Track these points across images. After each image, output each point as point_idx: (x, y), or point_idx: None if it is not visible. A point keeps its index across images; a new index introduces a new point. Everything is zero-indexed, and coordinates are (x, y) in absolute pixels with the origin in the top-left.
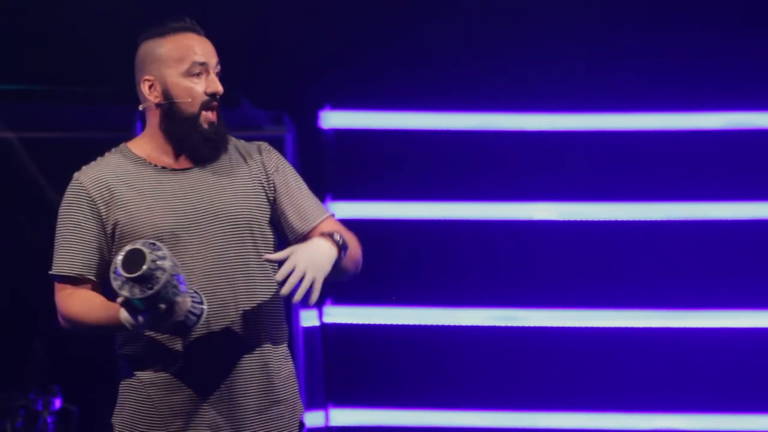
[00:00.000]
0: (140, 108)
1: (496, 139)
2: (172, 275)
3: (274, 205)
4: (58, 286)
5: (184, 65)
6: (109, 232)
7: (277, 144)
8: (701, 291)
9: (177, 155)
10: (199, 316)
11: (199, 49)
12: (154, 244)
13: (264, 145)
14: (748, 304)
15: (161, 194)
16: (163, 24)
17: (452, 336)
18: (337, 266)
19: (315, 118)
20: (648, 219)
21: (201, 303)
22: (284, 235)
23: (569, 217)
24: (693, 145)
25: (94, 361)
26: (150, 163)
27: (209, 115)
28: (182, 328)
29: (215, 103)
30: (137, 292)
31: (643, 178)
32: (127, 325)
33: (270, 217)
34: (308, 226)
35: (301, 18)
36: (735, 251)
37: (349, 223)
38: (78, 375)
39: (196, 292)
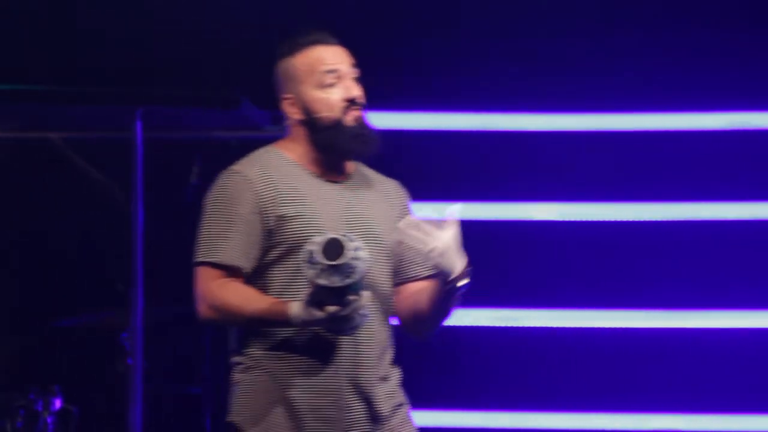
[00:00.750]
0: (287, 123)
1: (494, 139)
2: (368, 267)
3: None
4: (207, 273)
5: (315, 78)
6: (268, 228)
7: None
8: (701, 291)
9: (327, 167)
10: (365, 316)
11: (328, 58)
12: (347, 234)
13: (397, 183)
14: (748, 304)
15: (321, 199)
16: (293, 40)
17: (451, 336)
18: (447, 299)
19: None
20: (649, 219)
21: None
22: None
23: (569, 217)
24: (693, 146)
25: (94, 362)
26: (305, 169)
27: (353, 113)
28: (348, 325)
29: (355, 107)
30: (336, 281)
31: (644, 178)
32: (296, 319)
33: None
34: (426, 272)
35: (301, 18)
36: (735, 252)
37: None
38: (78, 375)
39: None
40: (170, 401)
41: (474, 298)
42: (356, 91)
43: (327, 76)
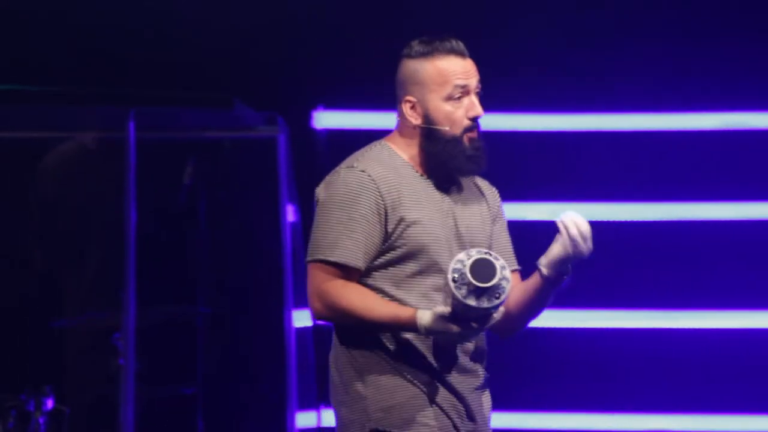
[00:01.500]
0: (397, 118)
1: (489, 139)
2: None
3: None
4: (325, 271)
5: (445, 90)
6: (388, 230)
7: (270, 145)
8: (697, 291)
9: (436, 174)
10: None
11: (462, 72)
12: (489, 252)
13: (494, 189)
14: (744, 304)
15: (434, 207)
16: (428, 43)
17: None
18: (550, 294)
19: (308, 118)
20: (644, 219)
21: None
22: None
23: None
24: (688, 146)
25: (86, 362)
26: (416, 170)
27: (471, 135)
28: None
29: (474, 126)
30: (485, 302)
31: (640, 178)
32: (425, 328)
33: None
34: (512, 269)
35: (293, 18)
36: (731, 252)
37: None
38: (70, 376)
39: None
40: (162, 402)
41: None
42: (479, 110)
43: (457, 89)
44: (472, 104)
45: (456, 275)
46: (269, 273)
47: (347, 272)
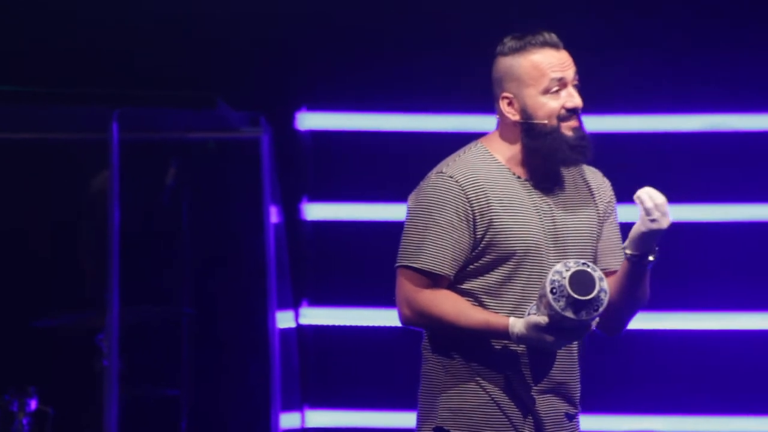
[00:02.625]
0: (497, 118)
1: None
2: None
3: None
4: (414, 279)
5: (542, 84)
6: (477, 237)
7: (254, 145)
8: (691, 292)
9: (535, 172)
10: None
11: (557, 64)
12: (587, 263)
13: (604, 176)
14: (733, 306)
15: (529, 209)
16: (520, 38)
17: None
18: (642, 278)
19: (291, 119)
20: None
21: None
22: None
23: None
24: (673, 148)
25: (70, 363)
26: (512, 172)
27: (571, 123)
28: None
29: (574, 116)
30: (584, 315)
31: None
32: (516, 336)
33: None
34: (614, 265)
35: (277, 19)
36: (724, 253)
37: (324, 225)
38: (54, 376)
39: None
40: (146, 403)
41: None
42: (578, 100)
43: (554, 82)
44: (570, 95)
45: (554, 286)
46: (253, 274)
47: (434, 279)
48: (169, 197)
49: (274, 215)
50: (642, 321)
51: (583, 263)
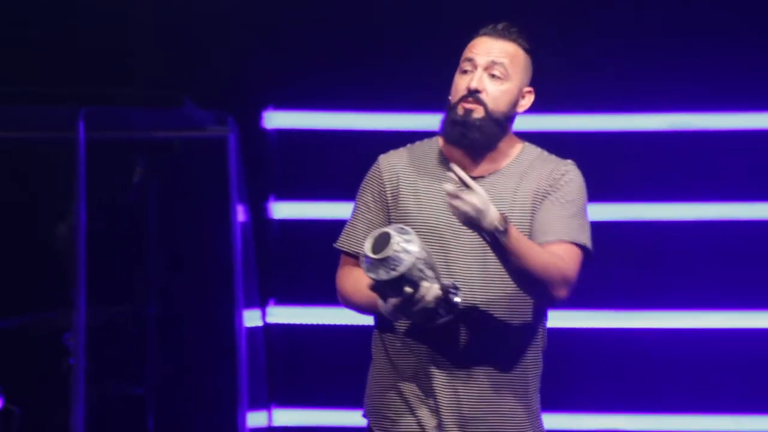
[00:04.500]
0: None
1: None
2: (419, 259)
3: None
4: (341, 260)
5: (460, 63)
6: (388, 219)
7: (221, 144)
8: (684, 291)
9: (466, 158)
10: (452, 308)
11: (478, 47)
12: (403, 228)
13: (568, 166)
14: (727, 304)
15: (439, 196)
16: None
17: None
18: (502, 250)
19: (258, 118)
20: (619, 219)
21: (456, 296)
22: None
23: None
24: (637, 146)
25: (36, 361)
26: (447, 161)
27: (466, 104)
28: (433, 317)
29: (471, 99)
30: (383, 274)
31: (612, 178)
32: (381, 309)
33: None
34: (548, 237)
35: (244, 18)
36: (705, 253)
37: (291, 224)
38: (20, 375)
39: (454, 286)
40: (113, 401)
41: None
42: (474, 83)
43: (466, 62)
44: (473, 77)
45: (363, 251)
46: (220, 273)
47: (357, 259)
48: (135, 196)
49: (240, 214)
50: (620, 320)
51: (399, 227)
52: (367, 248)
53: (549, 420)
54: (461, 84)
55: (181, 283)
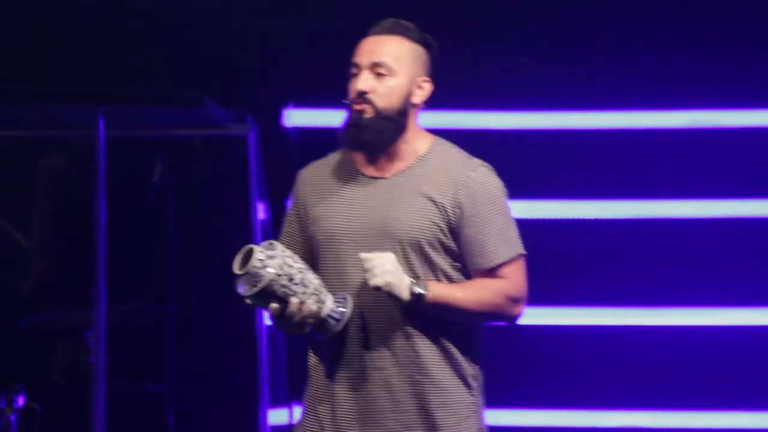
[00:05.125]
0: None
1: (458, 137)
2: (281, 275)
3: (456, 233)
4: None
5: (351, 68)
6: (304, 227)
7: (241, 143)
8: (671, 289)
9: (368, 161)
10: (338, 320)
11: (361, 49)
12: (272, 244)
13: (477, 168)
14: (721, 302)
15: (343, 200)
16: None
17: None
18: (436, 311)
19: (278, 116)
20: (615, 217)
21: (344, 307)
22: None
23: (536, 215)
24: (658, 144)
25: (57, 359)
26: (356, 169)
27: (356, 106)
28: (325, 329)
29: (359, 100)
30: (246, 290)
31: (612, 176)
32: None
33: (442, 243)
34: (489, 263)
35: (263, 16)
36: (708, 249)
37: None
38: (41, 373)
39: (343, 297)
40: (133, 399)
41: None
42: (359, 85)
43: (353, 67)
44: (359, 80)
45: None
46: None
47: None
48: (155, 195)
49: (260, 212)
50: (626, 317)
51: (268, 243)
52: (234, 265)
53: (548, 418)
54: (351, 88)
55: (200, 281)
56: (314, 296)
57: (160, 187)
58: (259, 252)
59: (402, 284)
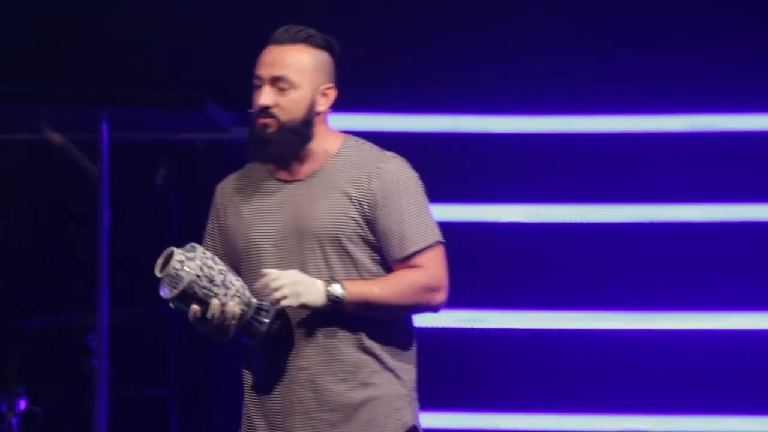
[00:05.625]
0: None
1: (462, 141)
2: (200, 276)
3: (372, 225)
4: None
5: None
6: (225, 239)
7: (243, 146)
8: (671, 293)
9: (281, 167)
10: (262, 323)
11: (262, 62)
12: (193, 247)
13: (388, 160)
14: (720, 306)
15: (261, 206)
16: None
17: (419, 338)
18: (358, 311)
19: None
20: (617, 221)
21: (268, 310)
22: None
23: (536, 219)
24: (660, 148)
25: (59, 363)
26: (271, 175)
27: (260, 120)
28: (251, 333)
29: (263, 115)
30: (167, 293)
31: (612, 180)
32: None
33: (361, 236)
34: (405, 251)
35: (266, 19)
36: (702, 254)
37: None
38: (43, 376)
39: (268, 302)
40: (136, 403)
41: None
42: (262, 100)
43: (257, 79)
44: (260, 94)
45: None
46: None
47: None
48: (158, 197)
49: None
50: (633, 322)
51: (189, 246)
52: (156, 268)
53: (514, 420)
54: (254, 101)
55: None
56: (237, 298)
57: (164, 190)
58: (179, 254)
59: (317, 292)
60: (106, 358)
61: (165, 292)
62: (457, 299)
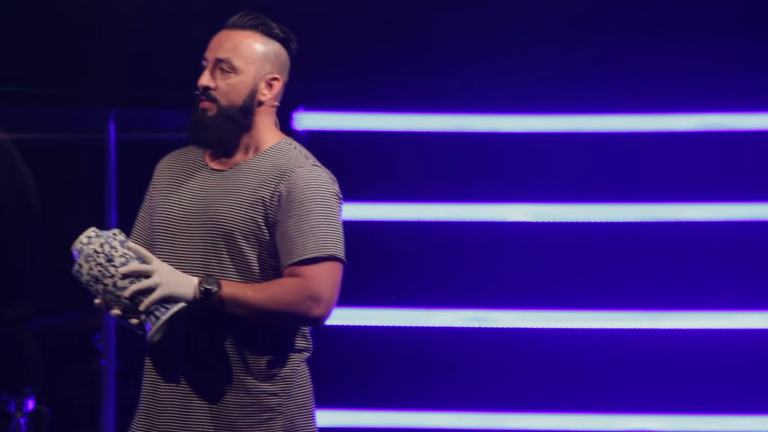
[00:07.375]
0: None
1: (465, 140)
2: (99, 253)
3: (273, 227)
4: None
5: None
6: (151, 209)
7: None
8: (672, 292)
9: (212, 154)
10: (157, 318)
11: (211, 43)
12: (115, 233)
13: (305, 166)
14: (724, 305)
15: (183, 189)
16: None
17: (425, 337)
18: (231, 309)
19: (288, 119)
20: (619, 220)
21: (167, 304)
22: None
23: (541, 218)
24: (664, 147)
25: (67, 362)
26: (203, 161)
27: (201, 103)
28: (144, 325)
29: (203, 96)
30: (74, 267)
31: (615, 179)
32: None
33: (258, 237)
34: (293, 258)
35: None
36: (707, 253)
37: None
38: (51, 376)
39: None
40: None
41: (446, 299)
42: (201, 80)
43: (204, 61)
44: (203, 75)
45: None
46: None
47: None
48: None
49: None
50: (637, 321)
51: (114, 232)
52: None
53: (517, 420)
54: (199, 81)
55: None
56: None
57: None
58: (91, 231)
59: (188, 284)
60: (113, 357)
61: (74, 269)
62: (462, 298)
